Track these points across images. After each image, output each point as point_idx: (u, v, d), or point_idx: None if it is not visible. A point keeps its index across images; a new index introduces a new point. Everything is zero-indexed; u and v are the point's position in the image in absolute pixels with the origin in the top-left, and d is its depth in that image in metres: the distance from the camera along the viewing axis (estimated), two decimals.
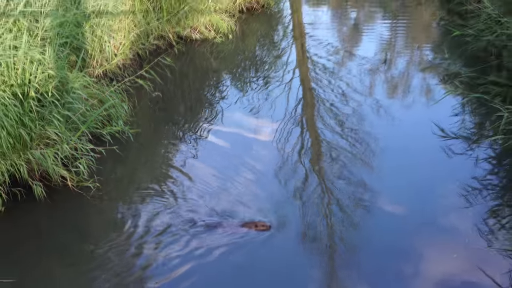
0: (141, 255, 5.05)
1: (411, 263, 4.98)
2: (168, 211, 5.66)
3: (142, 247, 5.15)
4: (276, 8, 12.73)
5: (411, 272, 4.89)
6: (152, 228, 5.40)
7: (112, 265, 4.93)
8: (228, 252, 5.07)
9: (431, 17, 12.57)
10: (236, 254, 5.05)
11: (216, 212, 5.62)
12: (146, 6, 9.12)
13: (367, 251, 5.11)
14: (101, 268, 4.89)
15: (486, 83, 8.20)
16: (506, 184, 6.26)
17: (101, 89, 7.03)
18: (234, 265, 4.91)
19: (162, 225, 5.44)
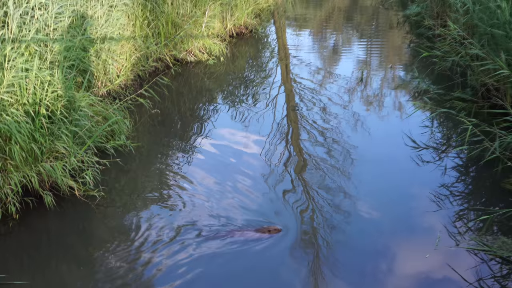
0: (144, 260, 5.02)
1: (386, 263, 4.99)
2: (171, 217, 5.64)
3: (146, 252, 5.13)
4: (262, 32, 12.76)
5: (387, 271, 4.89)
6: (157, 234, 5.38)
7: (118, 268, 4.90)
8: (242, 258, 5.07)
9: (402, 40, 12.64)
10: (251, 259, 5.06)
11: (221, 219, 5.61)
12: (145, 32, 9.13)
13: (346, 253, 5.11)
14: (107, 271, 4.86)
15: (452, 99, 8.25)
16: (471, 190, 6.28)
17: (105, 107, 7.03)
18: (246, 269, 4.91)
19: (168, 231, 5.42)
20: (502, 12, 7.32)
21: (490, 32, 7.67)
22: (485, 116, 7.36)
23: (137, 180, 6.39)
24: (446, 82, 8.88)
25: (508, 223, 5.45)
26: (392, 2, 15.91)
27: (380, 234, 5.37)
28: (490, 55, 7.41)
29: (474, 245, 5.15)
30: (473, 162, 6.69)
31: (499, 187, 6.11)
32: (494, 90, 7.87)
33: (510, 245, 5.12)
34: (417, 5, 13.63)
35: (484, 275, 4.78)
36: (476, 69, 8.11)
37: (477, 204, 5.90)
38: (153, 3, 9.27)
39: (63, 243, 5.27)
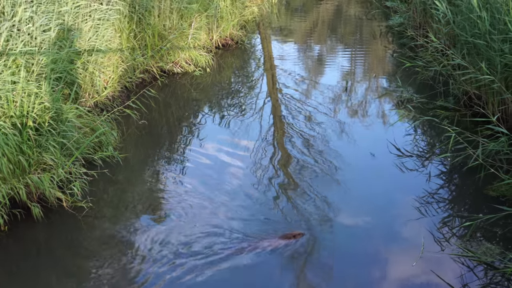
0: (133, 272, 5.00)
1: (372, 270, 5.00)
2: (160, 228, 5.62)
3: (134, 264, 5.10)
4: (248, 44, 12.79)
5: (372, 278, 4.90)
6: (145, 245, 5.35)
7: (106, 280, 4.88)
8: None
9: (385, 50, 12.73)
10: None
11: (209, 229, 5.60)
12: (132, 44, 9.12)
13: (331, 260, 5.12)
14: (96, 283, 4.83)
15: (435, 108, 8.30)
16: (455, 197, 6.32)
17: (93, 118, 7.01)
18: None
19: (156, 242, 5.40)
20: (482, 23, 7.39)
21: (471, 42, 7.74)
22: (468, 124, 7.41)
23: (125, 191, 6.36)
24: (429, 91, 8.94)
25: (492, 229, 5.48)
26: (375, 13, 16.01)
27: (365, 241, 5.38)
28: (472, 64, 7.48)
29: (458, 251, 5.17)
30: (456, 169, 6.73)
31: (482, 193, 6.15)
32: (476, 98, 7.93)
33: (494, 250, 5.15)
34: (399, 15, 13.72)
35: (469, 281, 4.80)
36: (458, 78, 8.17)
37: (461, 210, 5.94)
38: (140, 15, 9.26)
39: (51, 254, 5.23)
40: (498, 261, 4.99)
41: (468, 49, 7.96)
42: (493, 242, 5.30)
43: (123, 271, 4.96)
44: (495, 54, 7.06)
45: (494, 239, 5.35)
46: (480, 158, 6.03)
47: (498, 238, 5.37)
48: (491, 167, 6.00)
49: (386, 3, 15.34)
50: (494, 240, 5.33)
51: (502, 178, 5.85)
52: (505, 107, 7.30)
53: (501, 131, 6.07)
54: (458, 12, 8.50)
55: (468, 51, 7.94)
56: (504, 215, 5.37)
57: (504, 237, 5.36)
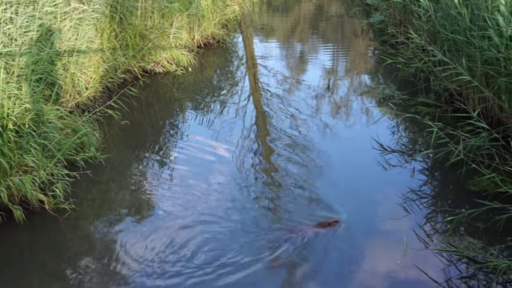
0: (117, 273, 4.98)
1: (355, 267, 5.02)
2: (143, 228, 5.60)
3: (118, 265, 5.08)
4: (230, 43, 12.78)
5: (356, 275, 4.92)
6: (129, 245, 5.33)
7: (91, 282, 4.85)
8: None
9: (367, 47, 12.78)
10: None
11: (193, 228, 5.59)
12: (113, 44, 9.07)
13: (315, 257, 5.13)
14: (80, 285, 4.80)
15: (416, 104, 8.36)
16: (438, 192, 6.37)
17: (74, 119, 6.96)
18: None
19: (140, 242, 5.38)
20: (462, 19, 7.45)
21: (452, 39, 7.79)
22: (449, 120, 7.47)
23: (108, 191, 6.33)
24: (410, 88, 9.00)
25: (474, 224, 5.53)
26: (356, 10, 16.08)
27: (349, 238, 5.40)
28: (452, 61, 7.53)
29: (441, 247, 5.21)
30: (438, 165, 6.78)
31: (464, 188, 6.20)
32: (456, 94, 7.99)
33: (476, 245, 5.19)
34: (380, 13, 13.79)
35: (452, 275, 4.84)
36: (439, 74, 8.23)
37: (444, 205, 5.99)
38: (121, 15, 9.21)
39: (34, 257, 5.19)
40: (480, 255, 5.03)
41: (448, 45, 8.01)
42: (475, 236, 5.35)
43: (108, 272, 4.94)
44: (475, 51, 7.12)
45: (476, 234, 5.40)
46: (461, 153, 6.08)
47: (480, 233, 5.42)
48: (473, 162, 6.05)
49: (367, 1, 15.40)
50: (476, 235, 5.38)
51: (483, 173, 5.91)
52: (485, 104, 7.35)
53: (481, 127, 6.13)
54: (439, 9, 8.56)
55: (449, 47, 8.00)
56: (486, 210, 5.42)
57: (485, 232, 5.41)
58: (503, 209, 5.35)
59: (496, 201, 5.47)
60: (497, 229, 5.34)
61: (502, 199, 5.64)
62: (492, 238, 5.31)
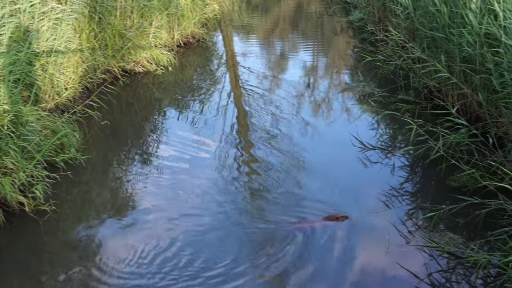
0: (98, 274, 4.95)
1: (337, 264, 5.03)
2: (125, 228, 5.57)
3: (99, 266, 5.05)
4: (210, 42, 12.76)
5: (337, 272, 4.93)
6: (111, 247, 5.30)
7: (72, 284, 4.81)
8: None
9: (346, 45, 12.83)
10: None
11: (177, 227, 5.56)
12: (92, 44, 9.00)
13: (297, 255, 5.14)
14: (59, 287, 4.76)
15: (396, 101, 8.41)
16: (418, 189, 6.42)
17: (54, 120, 6.90)
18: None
19: (121, 243, 5.35)
20: (441, 16, 7.50)
21: (430, 36, 7.85)
22: (428, 117, 7.52)
23: (89, 192, 6.28)
24: (390, 85, 9.04)
25: (454, 219, 5.57)
26: (335, 8, 16.13)
27: (330, 234, 5.42)
28: (431, 57, 7.58)
29: (423, 242, 5.25)
30: (419, 161, 6.83)
31: (444, 184, 6.25)
32: (436, 91, 8.05)
33: (456, 240, 5.24)
34: (359, 11, 13.85)
35: (434, 271, 4.88)
36: (418, 71, 8.29)
37: (424, 202, 6.03)
38: (100, 15, 9.14)
39: (14, 260, 5.13)
40: (461, 251, 5.08)
41: (427, 42, 8.07)
42: (456, 231, 5.40)
43: (89, 274, 4.90)
44: (454, 48, 7.17)
45: (456, 229, 5.45)
46: (441, 150, 6.13)
47: (460, 228, 5.47)
48: (452, 158, 6.10)
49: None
50: (457, 230, 5.43)
51: (463, 168, 5.96)
52: (464, 100, 7.41)
53: (461, 123, 6.18)
54: (418, 7, 8.62)
55: (428, 44, 8.06)
56: (466, 205, 5.47)
57: (466, 227, 5.46)
58: (482, 204, 5.40)
59: (475, 196, 5.53)
60: (477, 224, 5.39)
61: (482, 194, 5.70)
62: (473, 233, 5.37)
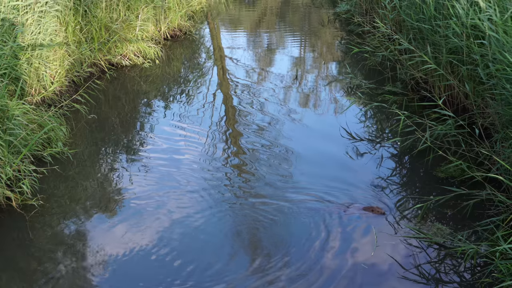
0: (86, 268, 4.93)
1: (327, 256, 5.04)
2: (113, 223, 5.55)
3: (88, 260, 5.03)
4: (197, 34, 12.70)
5: (327, 264, 4.94)
6: (98, 241, 5.28)
7: (61, 278, 4.79)
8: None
9: (333, 37, 12.82)
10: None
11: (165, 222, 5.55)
12: (78, 37, 8.94)
13: (286, 250, 5.14)
14: (50, 282, 4.74)
15: (384, 93, 8.42)
16: (406, 180, 6.44)
17: (40, 114, 6.85)
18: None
19: (109, 236, 5.33)
20: (427, 7, 7.51)
21: (417, 27, 7.86)
22: (416, 108, 7.54)
23: (76, 186, 6.24)
24: (377, 77, 9.06)
25: (442, 210, 5.60)
26: (322, 0, 16.11)
27: (319, 227, 5.43)
28: (418, 49, 7.60)
29: (411, 234, 5.27)
30: (406, 152, 6.85)
31: (431, 175, 6.28)
32: (423, 82, 8.07)
33: (444, 231, 5.26)
34: (346, 3, 13.84)
35: (422, 261, 4.90)
36: (405, 63, 8.30)
37: (413, 193, 6.05)
38: (85, 7, 9.07)
39: (2, 255, 5.09)
40: (449, 241, 5.10)
41: (414, 34, 8.08)
42: (444, 222, 5.42)
43: (76, 269, 4.88)
44: (440, 39, 7.19)
45: (444, 220, 5.47)
46: (428, 141, 6.15)
47: (448, 219, 5.49)
48: (439, 149, 6.13)
49: None
50: (445, 221, 5.45)
51: (450, 159, 5.98)
52: (451, 92, 7.44)
53: (447, 114, 6.20)
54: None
55: (414, 36, 8.07)
56: (453, 196, 5.50)
57: (453, 217, 5.49)
58: (470, 195, 5.43)
59: (463, 187, 5.56)
60: (465, 214, 5.42)
61: (469, 184, 5.73)
62: (460, 223, 5.39)
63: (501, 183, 5.37)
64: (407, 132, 6.71)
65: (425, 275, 4.75)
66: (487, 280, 4.56)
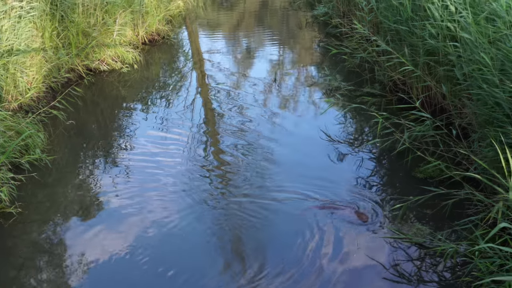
0: (66, 276, 4.89)
1: (306, 259, 5.05)
2: (93, 229, 5.51)
3: (68, 268, 4.99)
4: (175, 38, 12.68)
5: (307, 267, 4.95)
6: (79, 248, 5.24)
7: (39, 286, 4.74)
8: None
9: (312, 39, 12.87)
10: None
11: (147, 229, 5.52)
12: (55, 43, 8.87)
13: (266, 254, 5.15)
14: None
15: (362, 95, 8.47)
16: (386, 181, 6.47)
17: (18, 121, 6.78)
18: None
19: (90, 244, 5.29)
20: (404, 9, 7.57)
21: (394, 29, 7.91)
22: (394, 109, 7.59)
23: (55, 193, 6.19)
24: (356, 79, 9.11)
25: (422, 210, 5.64)
26: (300, 3, 16.16)
27: (299, 230, 5.44)
28: (396, 50, 7.65)
29: (391, 234, 5.30)
30: (385, 153, 6.89)
31: (411, 176, 6.32)
32: (401, 84, 8.13)
33: (424, 231, 5.30)
34: (323, 5, 13.90)
35: (403, 262, 4.93)
36: (383, 64, 8.36)
37: (392, 193, 6.09)
38: (61, 12, 9.01)
39: None
40: (429, 241, 5.14)
41: (391, 36, 8.14)
42: (423, 222, 5.46)
43: (58, 277, 4.84)
44: (417, 40, 7.25)
45: (424, 220, 5.51)
46: (407, 142, 6.19)
47: (427, 218, 5.54)
48: (418, 150, 6.17)
49: None
50: (424, 221, 5.50)
51: (429, 160, 6.03)
52: (429, 93, 7.50)
53: (425, 116, 6.25)
54: (381, 0, 8.68)
55: (392, 37, 8.13)
56: (433, 196, 5.54)
57: (433, 217, 5.54)
58: (449, 194, 5.48)
59: (441, 186, 5.60)
60: (444, 214, 5.47)
61: (448, 184, 5.79)
62: (440, 223, 5.44)
63: (479, 182, 5.43)
64: (386, 133, 6.75)
65: (406, 276, 4.78)
66: (467, 279, 4.61)
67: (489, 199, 5.00)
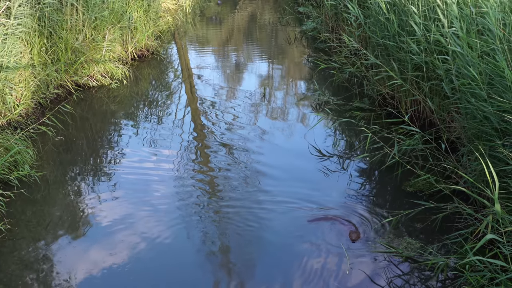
0: None
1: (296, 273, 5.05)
2: (82, 246, 5.48)
3: (56, 284, 4.95)
4: (164, 54, 12.70)
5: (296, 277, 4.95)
6: (67, 265, 5.21)
7: None
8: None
9: (300, 54, 12.93)
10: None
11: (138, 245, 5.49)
12: (44, 59, 8.86)
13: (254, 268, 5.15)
14: None
15: (351, 109, 8.51)
16: (376, 195, 6.49)
17: (6, 137, 6.76)
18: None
19: (79, 261, 5.26)
20: (391, 24, 7.64)
21: (382, 44, 7.98)
22: (383, 123, 7.64)
23: (44, 210, 6.16)
24: (345, 93, 9.16)
25: (412, 224, 5.66)
26: (288, 19, 16.24)
27: (289, 245, 5.44)
28: (384, 64, 7.71)
29: (382, 249, 5.31)
30: (375, 168, 6.92)
31: (400, 189, 6.35)
32: (389, 98, 8.18)
33: (414, 245, 5.32)
34: (312, 21, 13.98)
35: (393, 276, 4.94)
36: (371, 79, 8.41)
37: (382, 208, 6.10)
38: (50, 29, 9.01)
39: None
40: (419, 255, 5.16)
41: (379, 50, 8.21)
42: (414, 236, 5.48)
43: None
44: (405, 55, 7.31)
45: (414, 234, 5.53)
46: (396, 156, 6.22)
47: (418, 232, 5.56)
48: (408, 164, 6.20)
49: (299, 9, 15.60)
50: (415, 234, 5.51)
51: (418, 174, 6.06)
52: (417, 107, 7.55)
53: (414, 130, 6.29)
54: (368, 15, 8.76)
55: (380, 52, 8.19)
56: (423, 209, 5.57)
57: (423, 231, 5.56)
58: (438, 208, 5.50)
59: (431, 200, 5.63)
60: (434, 228, 5.49)
61: (437, 198, 5.81)
62: (430, 237, 5.46)
63: (469, 196, 5.46)
64: (375, 147, 6.78)
65: None
66: None
67: (478, 213, 5.03)
